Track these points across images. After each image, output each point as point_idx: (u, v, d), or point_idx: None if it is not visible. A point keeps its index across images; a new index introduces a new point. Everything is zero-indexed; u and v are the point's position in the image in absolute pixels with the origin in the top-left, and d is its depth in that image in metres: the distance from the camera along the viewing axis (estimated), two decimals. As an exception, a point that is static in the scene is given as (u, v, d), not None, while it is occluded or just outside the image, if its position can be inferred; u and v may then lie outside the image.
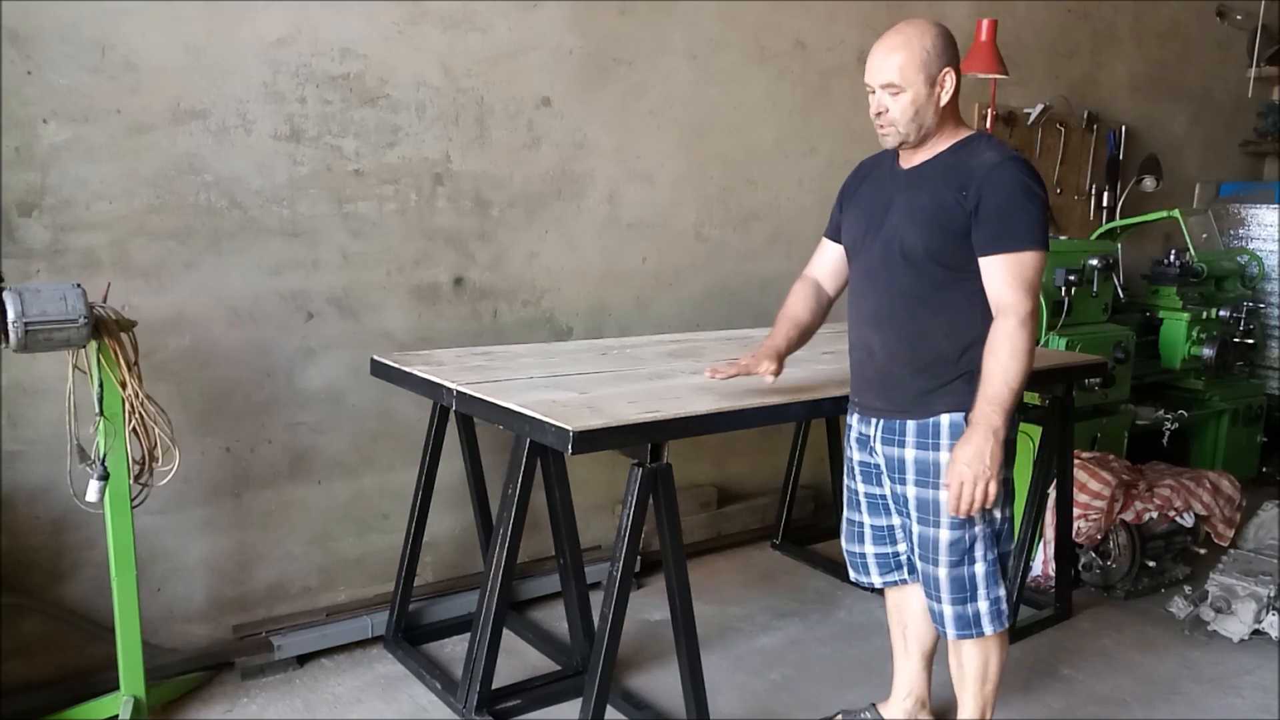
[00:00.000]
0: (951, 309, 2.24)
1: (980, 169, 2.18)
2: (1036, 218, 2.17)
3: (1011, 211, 2.16)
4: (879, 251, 2.31)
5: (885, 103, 2.21)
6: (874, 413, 2.40)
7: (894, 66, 2.17)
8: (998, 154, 2.21)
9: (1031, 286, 2.17)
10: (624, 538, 2.34)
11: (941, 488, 2.27)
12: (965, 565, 2.33)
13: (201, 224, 2.88)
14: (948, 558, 2.32)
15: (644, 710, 2.80)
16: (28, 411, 2.69)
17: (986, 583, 2.34)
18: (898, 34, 2.20)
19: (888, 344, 2.32)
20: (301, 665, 3.02)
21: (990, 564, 2.34)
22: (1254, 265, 5.21)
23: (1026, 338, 2.15)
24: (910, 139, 2.24)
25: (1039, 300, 2.20)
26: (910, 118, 2.20)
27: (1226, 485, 3.86)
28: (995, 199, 2.16)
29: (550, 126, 3.49)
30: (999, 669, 2.48)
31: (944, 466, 2.26)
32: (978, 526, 2.31)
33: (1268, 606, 3.35)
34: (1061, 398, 3.34)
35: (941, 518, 2.31)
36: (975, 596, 2.35)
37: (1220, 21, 5.90)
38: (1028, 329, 2.16)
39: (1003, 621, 2.39)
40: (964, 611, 2.36)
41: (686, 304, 3.96)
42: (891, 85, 2.18)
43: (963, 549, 2.31)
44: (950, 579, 2.34)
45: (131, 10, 2.69)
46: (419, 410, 3.24)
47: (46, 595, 2.78)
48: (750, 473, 4.29)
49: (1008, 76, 4.31)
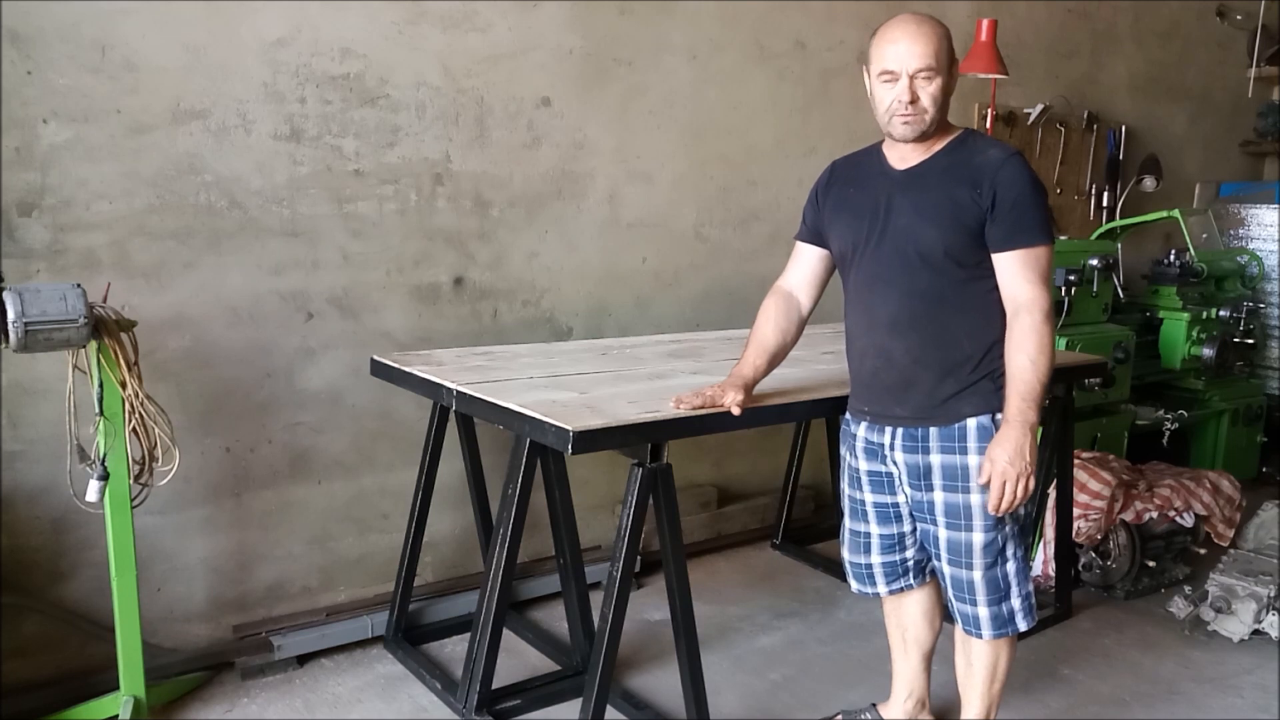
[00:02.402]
0: (972, 309, 2.23)
1: (989, 166, 2.18)
2: (1046, 212, 2.22)
3: (1025, 207, 2.17)
4: (890, 254, 2.25)
5: (917, 89, 2.14)
6: (891, 420, 2.34)
7: (930, 51, 2.13)
8: (1000, 150, 2.22)
9: (1048, 280, 2.21)
10: (624, 538, 2.34)
11: (972, 491, 2.26)
12: (999, 565, 2.33)
13: (201, 224, 2.88)
14: (982, 560, 2.31)
15: (644, 710, 2.80)
16: (28, 411, 2.69)
17: (1018, 579, 2.36)
18: (923, 21, 2.16)
19: (911, 349, 2.27)
20: (301, 665, 3.02)
21: (1019, 560, 2.36)
22: (1254, 265, 5.21)
23: (1050, 332, 2.18)
24: (930, 128, 2.20)
25: (1050, 292, 2.23)
26: (940, 104, 2.18)
27: (1226, 485, 3.86)
28: (1010, 195, 2.16)
29: (550, 126, 3.49)
30: (1008, 667, 2.47)
31: (973, 470, 2.25)
32: (1008, 526, 2.31)
33: (1268, 606, 3.35)
34: (1061, 398, 3.34)
35: (975, 521, 2.28)
36: (1009, 595, 2.35)
37: (1220, 21, 5.90)
38: (1051, 323, 2.19)
39: (1033, 616, 2.40)
40: (999, 611, 2.36)
41: (686, 304, 3.96)
42: (929, 69, 2.13)
43: (996, 550, 2.31)
44: (985, 581, 2.33)
45: (131, 10, 2.70)
46: (419, 410, 3.24)
47: (46, 595, 2.78)
48: (750, 473, 4.29)
49: (1008, 76, 4.31)
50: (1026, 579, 2.38)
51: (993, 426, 2.24)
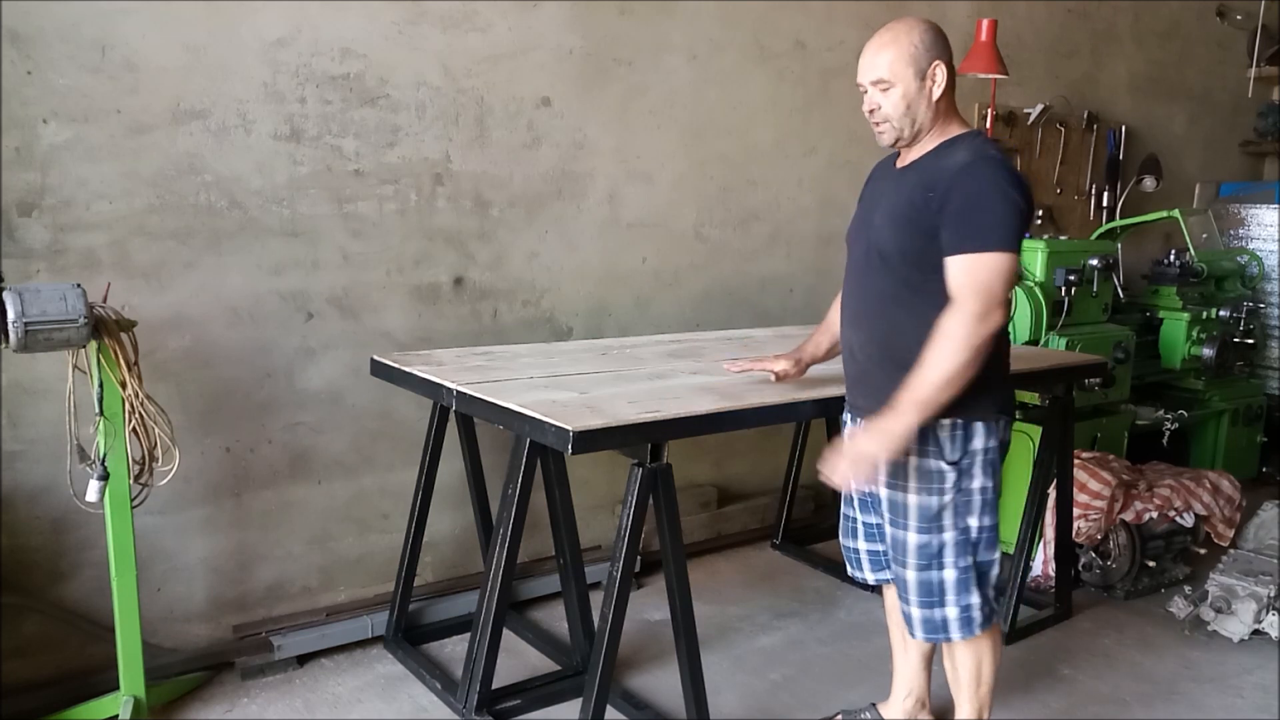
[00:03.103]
0: (924, 310, 2.18)
1: (950, 169, 2.16)
2: (1003, 219, 2.10)
3: (977, 213, 2.11)
4: (862, 252, 2.31)
5: (877, 99, 2.21)
6: (861, 412, 2.38)
7: (883, 62, 2.18)
8: (971, 153, 2.17)
9: (988, 289, 2.09)
10: (624, 538, 2.34)
11: (910, 491, 2.27)
12: (934, 570, 2.31)
13: (201, 224, 2.88)
14: (915, 560, 2.31)
15: (644, 710, 2.80)
16: (28, 411, 2.69)
17: (956, 590, 2.31)
18: (886, 31, 2.21)
19: (864, 344, 2.33)
20: (301, 665, 3.02)
21: (962, 571, 2.30)
22: (1254, 265, 5.21)
23: (966, 337, 2.07)
24: (905, 135, 2.23)
25: (996, 305, 2.10)
26: (903, 113, 2.20)
27: (1226, 485, 3.86)
28: (961, 199, 2.12)
29: (550, 126, 3.49)
30: (993, 671, 2.46)
31: (911, 470, 2.26)
32: (947, 533, 2.28)
33: (1268, 606, 3.35)
34: (1061, 398, 3.34)
35: (910, 520, 2.29)
36: (943, 602, 2.32)
37: (1220, 21, 5.90)
38: (968, 329, 2.07)
39: (973, 629, 2.34)
40: (931, 616, 2.34)
41: (686, 304, 3.96)
42: (881, 81, 2.19)
43: (930, 553, 2.30)
44: (918, 582, 2.32)
45: (131, 10, 2.70)
46: (419, 410, 3.24)
47: (46, 595, 2.78)
48: (750, 473, 4.29)
49: (1008, 76, 4.31)
50: (969, 592, 2.30)
51: (931, 429, 2.22)
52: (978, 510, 2.28)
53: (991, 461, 2.29)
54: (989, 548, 2.33)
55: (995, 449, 2.29)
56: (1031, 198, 2.20)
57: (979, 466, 2.27)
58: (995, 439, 2.29)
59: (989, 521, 2.31)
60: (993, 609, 2.37)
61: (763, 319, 4.10)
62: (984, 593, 2.34)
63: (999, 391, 2.30)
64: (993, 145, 2.24)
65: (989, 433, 2.27)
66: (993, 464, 2.30)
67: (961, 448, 2.25)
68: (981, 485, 2.28)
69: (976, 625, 2.34)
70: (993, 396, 2.26)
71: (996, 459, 2.31)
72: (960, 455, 2.25)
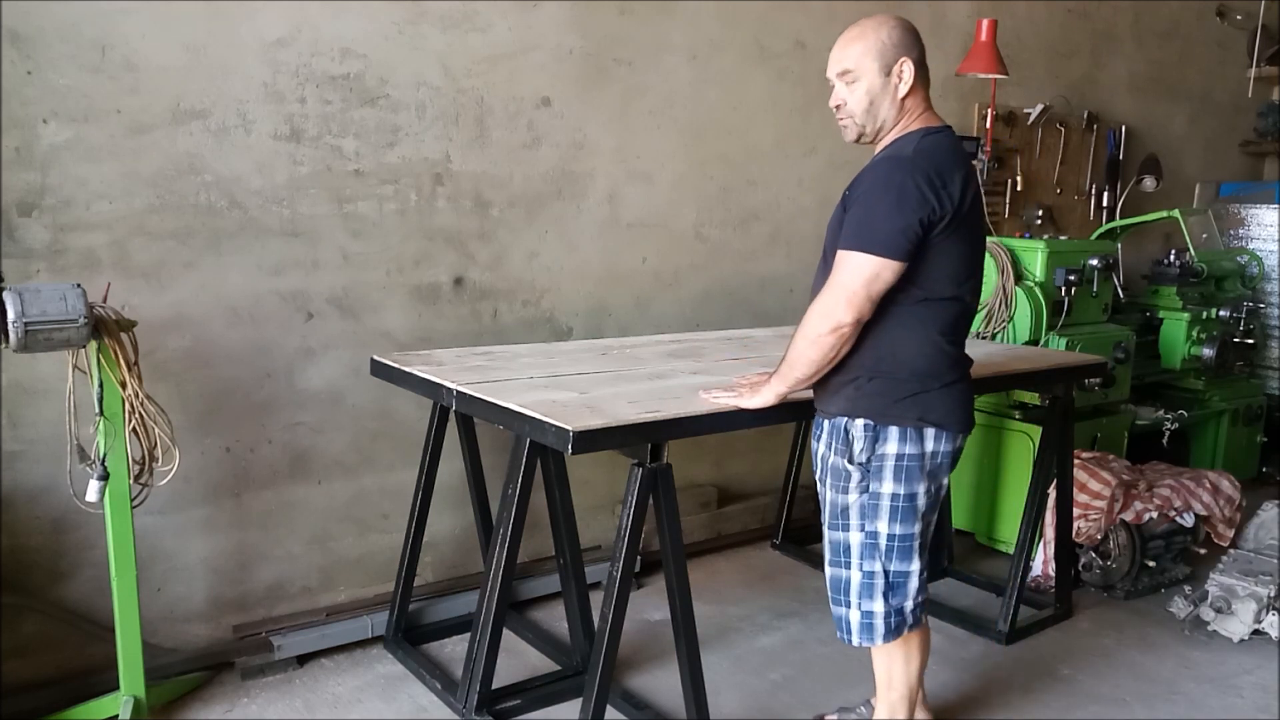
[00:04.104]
0: None
1: (867, 167, 2.17)
2: (881, 219, 2.06)
3: (860, 210, 2.11)
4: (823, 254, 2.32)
5: (842, 94, 2.21)
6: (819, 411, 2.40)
7: (849, 55, 2.19)
8: (890, 150, 2.16)
9: (845, 287, 2.08)
10: (624, 538, 2.34)
11: (828, 487, 2.31)
12: (841, 568, 2.34)
13: (201, 224, 2.88)
14: (828, 554, 2.37)
15: (644, 710, 2.80)
16: (28, 411, 2.69)
17: (859, 593, 2.31)
18: (856, 25, 2.23)
19: None
20: (301, 665, 3.02)
21: (866, 575, 2.30)
22: (1254, 265, 5.20)
23: (812, 325, 2.14)
24: (868, 131, 2.22)
25: (849, 303, 2.08)
26: (865, 108, 2.19)
27: (1226, 485, 3.86)
28: (854, 196, 2.15)
29: (550, 126, 3.49)
30: (904, 678, 2.43)
31: (828, 466, 2.30)
32: (853, 533, 2.29)
33: (1268, 606, 3.35)
34: (1061, 398, 3.34)
35: (825, 514, 2.35)
36: (847, 603, 2.34)
37: (1220, 21, 5.90)
38: (814, 320, 2.14)
39: (873, 638, 2.32)
40: (838, 612, 2.38)
41: (686, 304, 3.96)
42: (846, 73, 2.19)
43: (839, 549, 2.33)
44: (830, 577, 2.38)
45: (131, 10, 2.70)
46: (419, 410, 3.24)
47: (46, 595, 2.78)
48: (750, 473, 4.29)
49: (1008, 76, 4.31)
50: (872, 599, 2.29)
51: (847, 430, 2.24)
52: (887, 516, 2.25)
53: (907, 469, 2.22)
54: (903, 557, 2.29)
55: (916, 457, 2.22)
56: (940, 194, 2.07)
57: (890, 471, 2.23)
58: (918, 447, 2.22)
59: (902, 530, 2.26)
60: (904, 620, 2.33)
61: (763, 319, 4.10)
62: (893, 603, 2.30)
63: (929, 399, 2.21)
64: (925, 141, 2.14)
65: (905, 439, 2.21)
66: (908, 471, 2.22)
67: (870, 449, 2.23)
68: (893, 491, 2.24)
69: (879, 635, 2.33)
70: (917, 403, 2.20)
71: (917, 467, 2.23)
72: (868, 457, 2.23)
